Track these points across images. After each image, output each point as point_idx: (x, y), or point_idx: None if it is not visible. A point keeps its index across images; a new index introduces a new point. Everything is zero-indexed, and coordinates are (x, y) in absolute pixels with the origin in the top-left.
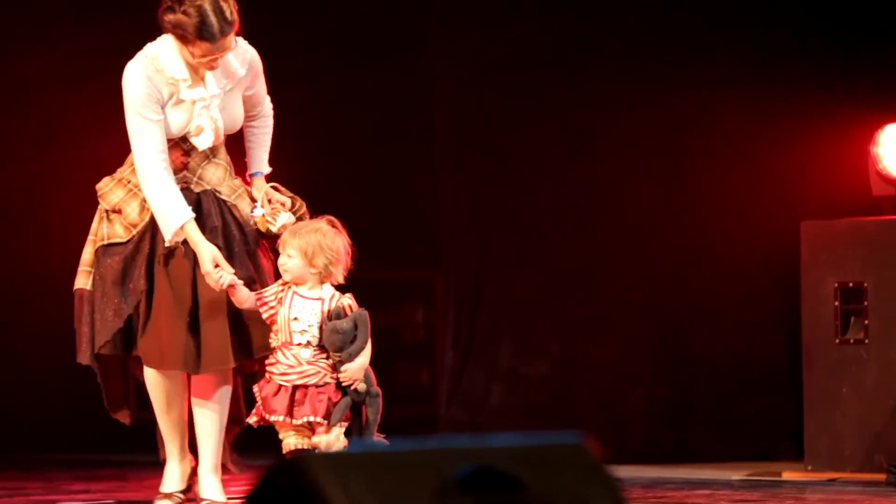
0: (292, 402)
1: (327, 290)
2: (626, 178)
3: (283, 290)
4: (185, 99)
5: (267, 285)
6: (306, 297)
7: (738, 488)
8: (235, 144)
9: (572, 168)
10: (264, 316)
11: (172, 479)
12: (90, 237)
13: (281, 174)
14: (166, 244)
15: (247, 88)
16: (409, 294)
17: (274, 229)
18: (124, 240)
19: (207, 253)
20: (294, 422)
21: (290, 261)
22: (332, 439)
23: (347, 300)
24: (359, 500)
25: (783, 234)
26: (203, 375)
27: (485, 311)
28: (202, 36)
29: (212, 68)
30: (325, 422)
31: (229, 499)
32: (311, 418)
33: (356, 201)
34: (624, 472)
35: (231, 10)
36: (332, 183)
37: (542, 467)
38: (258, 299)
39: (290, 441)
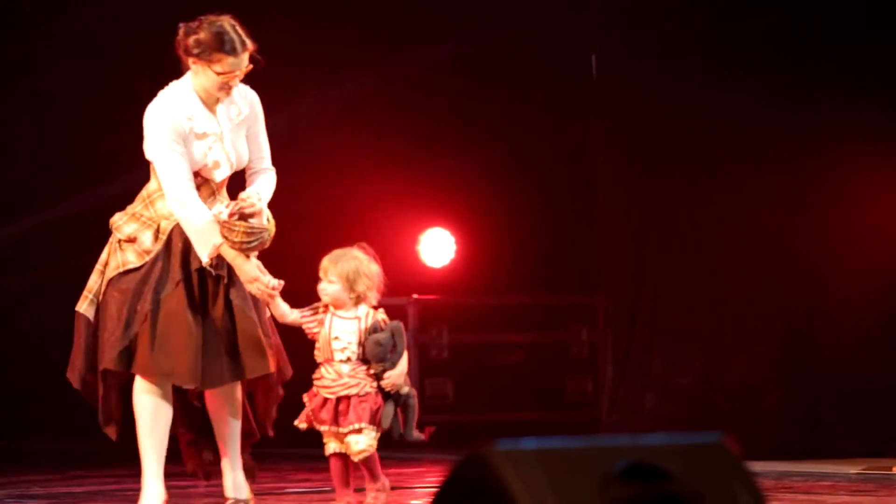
0: (337, 412)
1: (362, 309)
2: (759, 213)
3: (323, 312)
4: (200, 132)
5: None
6: (344, 318)
7: (854, 480)
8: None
9: (712, 206)
10: (309, 334)
11: (153, 497)
12: (98, 266)
13: (465, 215)
14: (203, 263)
15: (249, 128)
16: (576, 316)
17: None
18: (137, 265)
19: (251, 264)
20: (341, 430)
21: (330, 286)
22: (361, 437)
23: (381, 315)
24: (534, 488)
25: None
26: (213, 390)
27: (639, 331)
28: (223, 48)
29: (228, 91)
30: (371, 426)
31: (425, 487)
32: (357, 425)
33: (530, 238)
34: (758, 466)
35: (246, 37)
36: (509, 222)
37: (688, 462)
38: (304, 317)
39: (332, 446)
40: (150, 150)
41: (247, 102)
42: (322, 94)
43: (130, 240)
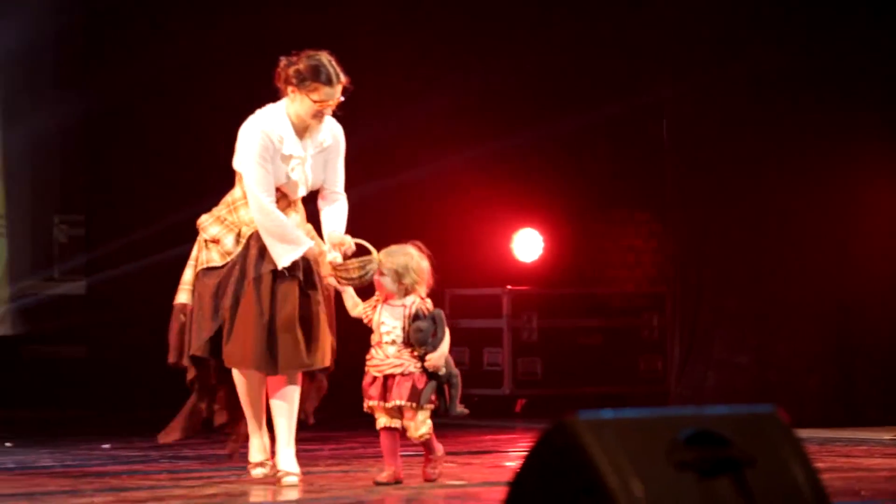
0: (385, 389)
1: (410, 298)
2: (808, 213)
3: (377, 301)
4: (287, 154)
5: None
6: (393, 306)
7: (888, 445)
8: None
9: (765, 210)
10: (365, 320)
11: (258, 449)
12: (190, 262)
13: (552, 218)
14: (279, 267)
15: (329, 156)
16: (648, 305)
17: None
18: (220, 264)
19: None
20: (386, 405)
21: (383, 278)
22: (419, 421)
23: (426, 304)
24: (611, 451)
25: None
26: (278, 377)
27: (702, 318)
28: (320, 78)
29: (320, 118)
30: (410, 404)
31: (517, 451)
32: (399, 402)
33: (608, 237)
34: (804, 433)
35: (341, 71)
36: (590, 223)
37: (744, 430)
38: (365, 310)
39: (381, 421)
40: (241, 161)
41: (332, 135)
42: (426, 105)
43: (215, 240)
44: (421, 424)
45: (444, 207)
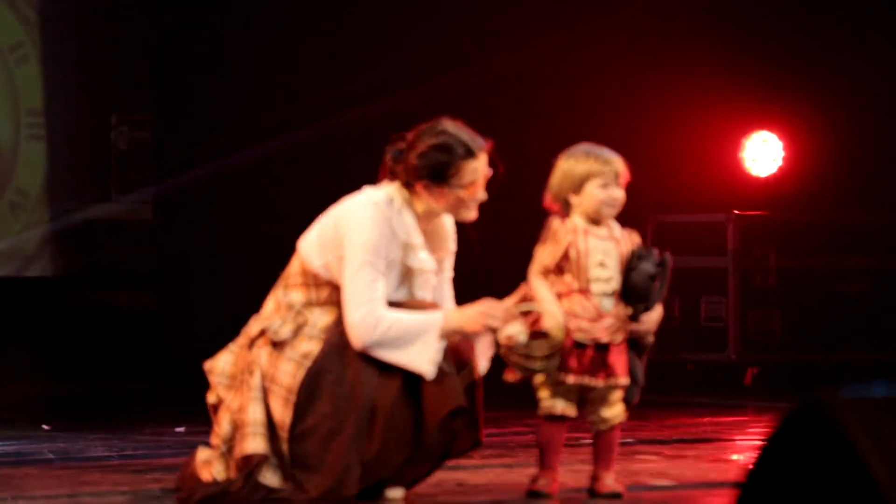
0: (597, 361)
1: (617, 228)
2: None
3: (573, 228)
4: (410, 266)
5: None
6: (600, 237)
7: None
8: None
9: None
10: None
11: None
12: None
13: (796, 115)
14: (429, 377)
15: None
16: None
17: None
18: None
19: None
20: (609, 384)
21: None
22: (616, 400)
23: (638, 239)
24: (882, 439)
25: None
26: None
27: None
28: (457, 154)
29: (475, 207)
30: (626, 382)
31: (747, 440)
32: (625, 380)
33: (874, 143)
34: None
35: (476, 135)
36: (850, 124)
37: None
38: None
39: (558, 405)
40: (348, 256)
41: (453, 233)
42: None
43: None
44: (617, 404)
45: (646, 106)
